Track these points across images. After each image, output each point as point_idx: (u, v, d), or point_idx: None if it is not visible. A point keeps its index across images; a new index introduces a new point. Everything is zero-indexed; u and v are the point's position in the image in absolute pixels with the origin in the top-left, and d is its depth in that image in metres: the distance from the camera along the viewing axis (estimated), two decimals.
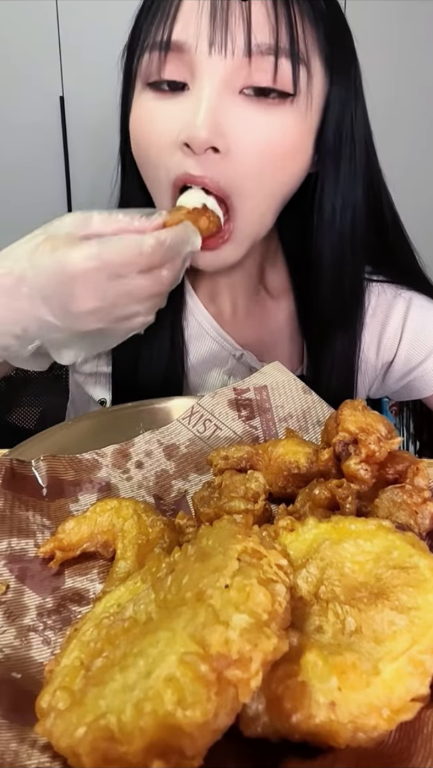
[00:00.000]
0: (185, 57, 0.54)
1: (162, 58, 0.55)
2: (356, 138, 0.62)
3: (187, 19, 0.54)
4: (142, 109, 0.59)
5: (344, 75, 0.60)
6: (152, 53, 0.55)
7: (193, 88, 0.55)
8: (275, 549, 0.31)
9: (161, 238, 0.48)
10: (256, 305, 0.75)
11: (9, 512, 0.47)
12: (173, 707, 0.25)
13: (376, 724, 0.28)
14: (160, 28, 0.54)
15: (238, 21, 0.53)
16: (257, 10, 0.53)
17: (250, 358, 0.74)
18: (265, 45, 0.53)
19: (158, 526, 0.44)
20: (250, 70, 0.54)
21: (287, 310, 0.76)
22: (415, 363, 0.74)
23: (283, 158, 0.58)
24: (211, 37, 0.53)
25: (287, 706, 0.29)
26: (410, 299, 0.73)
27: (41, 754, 0.30)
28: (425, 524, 0.42)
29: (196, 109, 0.53)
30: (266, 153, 0.56)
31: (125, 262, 0.48)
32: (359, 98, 0.63)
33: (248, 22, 0.53)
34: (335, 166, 0.62)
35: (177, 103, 0.56)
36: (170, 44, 0.54)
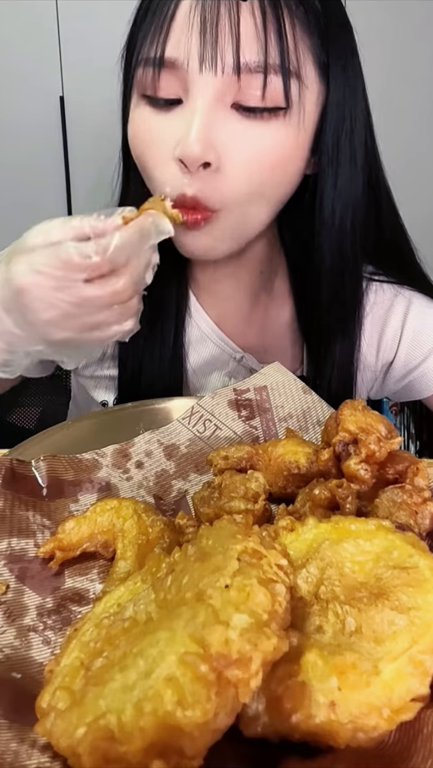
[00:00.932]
0: (178, 73, 0.54)
1: (156, 74, 0.55)
2: (356, 138, 0.62)
3: (179, 36, 0.54)
4: (138, 121, 0.59)
5: (342, 76, 0.59)
6: (146, 68, 0.56)
7: (186, 104, 0.56)
8: (275, 549, 0.31)
9: (103, 244, 0.46)
10: (258, 308, 0.75)
11: (9, 512, 0.47)
12: (173, 707, 0.25)
13: (376, 724, 0.28)
14: (153, 43, 0.54)
15: (227, 38, 0.52)
16: (245, 25, 0.52)
17: (250, 360, 0.74)
18: (254, 63, 0.53)
19: (158, 526, 0.44)
20: (240, 87, 0.54)
21: (288, 312, 0.76)
22: (415, 363, 0.74)
23: (274, 170, 0.58)
24: (202, 55, 0.53)
25: (287, 706, 0.29)
26: (409, 299, 0.73)
27: (41, 754, 0.30)
28: (425, 524, 0.42)
29: (189, 126, 0.54)
30: (257, 166, 0.57)
31: (64, 272, 0.46)
32: (359, 96, 0.62)
33: (236, 39, 0.52)
34: (334, 168, 0.62)
35: (172, 118, 0.56)
36: (163, 61, 0.54)
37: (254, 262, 0.72)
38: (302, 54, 0.55)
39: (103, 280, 0.47)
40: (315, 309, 0.70)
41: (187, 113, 0.55)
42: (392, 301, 0.73)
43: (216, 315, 0.75)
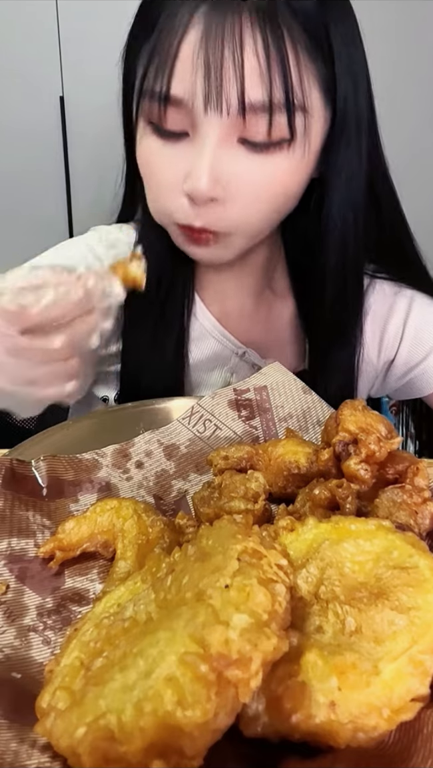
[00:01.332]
0: (184, 109, 0.55)
1: (162, 109, 0.55)
2: (362, 145, 0.62)
3: (183, 75, 0.53)
4: (147, 150, 0.60)
5: (350, 92, 0.58)
6: (152, 101, 0.55)
7: (194, 138, 0.56)
8: (275, 549, 0.31)
9: (39, 296, 0.45)
10: (261, 305, 0.76)
11: (9, 512, 0.47)
12: (173, 707, 0.25)
13: (376, 724, 0.28)
14: (158, 78, 0.54)
15: (231, 79, 0.52)
16: (249, 66, 0.52)
17: (252, 356, 0.74)
18: (258, 103, 0.53)
19: (158, 526, 0.44)
20: (245, 125, 0.54)
21: (289, 309, 0.76)
22: (416, 361, 0.74)
23: (280, 197, 0.60)
24: (207, 96, 0.53)
25: (287, 706, 0.29)
26: (411, 297, 0.73)
27: (41, 754, 0.30)
28: (425, 524, 0.42)
29: (197, 163, 0.55)
30: (264, 197, 0.58)
31: (1, 320, 0.45)
32: (365, 103, 0.61)
33: (240, 81, 0.52)
34: (339, 176, 0.62)
35: (179, 149, 0.57)
36: (169, 98, 0.54)
37: (257, 262, 0.72)
38: (307, 84, 0.55)
39: (40, 335, 0.46)
40: (318, 308, 0.70)
41: (195, 149, 0.56)
42: (394, 299, 0.73)
43: (218, 311, 0.75)
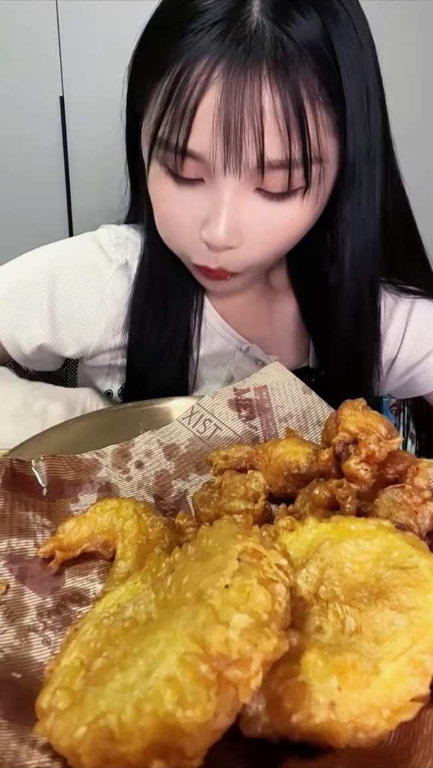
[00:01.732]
0: (202, 162, 0.55)
1: (180, 160, 0.55)
2: (377, 169, 0.61)
3: (202, 133, 0.53)
4: (161, 190, 0.60)
5: (362, 131, 0.57)
6: (168, 151, 0.55)
7: (210, 185, 0.56)
8: (275, 549, 0.31)
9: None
10: (264, 302, 0.76)
11: (9, 512, 0.47)
12: (173, 707, 0.25)
13: (376, 724, 0.28)
14: (174, 131, 0.53)
15: (251, 142, 0.52)
16: (269, 127, 0.52)
17: (256, 351, 0.75)
18: (277, 162, 0.53)
19: (158, 526, 0.44)
20: (263, 180, 0.55)
21: (291, 306, 0.76)
22: (417, 359, 0.74)
23: (290, 238, 0.61)
24: (225, 159, 0.53)
25: (287, 706, 0.29)
26: (413, 299, 0.74)
27: (41, 754, 0.30)
28: (425, 524, 0.42)
29: (215, 214, 0.56)
30: (279, 240, 0.60)
31: None
32: (378, 131, 0.60)
33: (261, 143, 0.52)
34: (355, 201, 0.61)
35: (195, 194, 0.57)
36: (186, 151, 0.54)
37: None
38: (323, 134, 0.55)
39: None
40: (334, 331, 0.70)
41: (212, 196, 0.56)
42: (396, 299, 0.74)
43: (223, 308, 0.75)
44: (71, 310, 0.72)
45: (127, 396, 0.76)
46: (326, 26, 0.52)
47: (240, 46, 0.50)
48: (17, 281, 0.73)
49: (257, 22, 0.50)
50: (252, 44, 0.50)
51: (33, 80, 1.69)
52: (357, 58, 0.55)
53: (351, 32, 0.54)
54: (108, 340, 0.74)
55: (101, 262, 0.73)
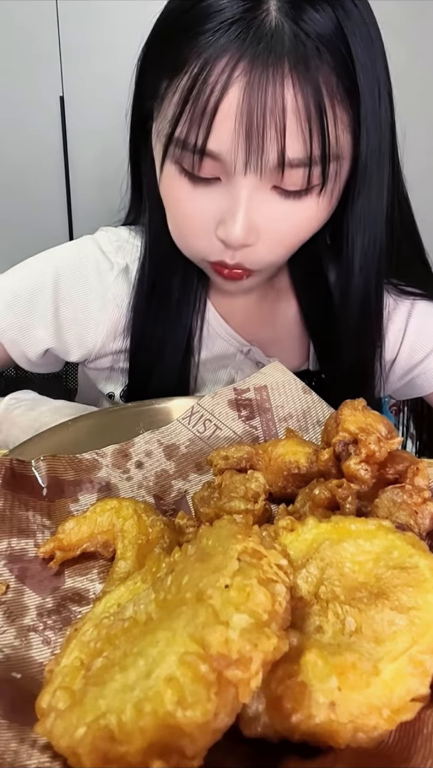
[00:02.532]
0: (220, 162, 0.54)
1: (197, 160, 0.55)
2: (385, 167, 0.61)
3: (223, 133, 0.52)
4: (175, 190, 0.59)
5: (373, 132, 0.57)
6: (185, 151, 0.55)
7: (227, 184, 0.56)
8: (275, 549, 0.31)
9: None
10: (265, 304, 0.76)
11: (9, 512, 0.47)
12: (173, 707, 0.25)
13: (376, 724, 0.28)
14: (193, 130, 0.53)
15: (272, 142, 0.52)
16: (290, 126, 0.52)
17: (257, 353, 0.75)
18: (297, 160, 0.53)
19: (158, 526, 0.44)
20: (282, 177, 0.54)
21: (293, 308, 0.76)
22: (417, 360, 0.74)
23: (306, 234, 0.61)
24: (246, 159, 0.53)
25: (287, 706, 0.29)
26: (413, 300, 0.74)
27: (41, 754, 0.30)
28: (425, 524, 0.41)
29: (232, 212, 0.56)
30: (292, 237, 0.60)
31: None
32: (387, 135, 0.60)
33: (282, 142, 0.52)
34: (363, 204, 0.62)
35: (211, 193, 0.57)
36: (205, 151, 0.54)
37: None
38: (341, 133, 0.55)
39: None
40: (338, 332, 0.70)
41: (229, 194, 0.56)
42: (396, 299, 0.73)
43: (224, 310, 0.75)
44: (75, 314, 0.72)
45: (129, 398, 0.77)
46: (340, 22, 0.52)
47: (261, 44, 0.50)
48: (21, 287, 0.73)
49: (276, 20, 0.50)
50: (273, 42, 0.50)
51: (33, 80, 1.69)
52: (369, 54, 0.55)
53: (363, 28, 0.54)
54: (110, 344, 0.74)
55: (103, 266, 0.73)
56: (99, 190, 0.75)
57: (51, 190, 1.77)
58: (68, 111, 1.71)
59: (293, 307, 0.76)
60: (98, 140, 1.64)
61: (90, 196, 1.76)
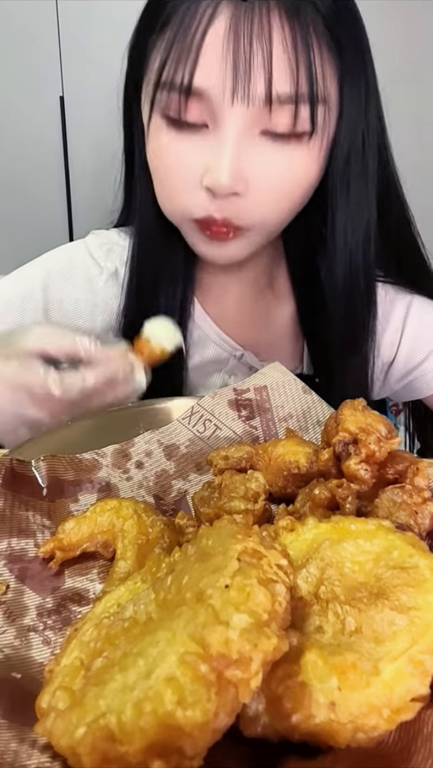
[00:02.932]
0: (206, 101, 0.54)
1: (183, 101, 0.54)
2: (368, 149, 0.61)
3: (209, 65, 0.52)
4: (161, 144, 0.58)
5: (356, 92, 0.58)
6: (171, 93, 0.54)
7: (214, 130, 0.55)
8: (275, 549, 0.31)
9: (68, 385, 0.50)
10: (260, 306, 0.76)
11: (9, 512, 0.47)
12: (173, 707, 0.25)
13: (376, 724, 0.28)
14: (179, 69, 0.53)
15: (259, 69, 0.52)
16: (277, 56, 0.52)
17: (250, 358, 0.74)
18: (285, 94, 0.53)
19: (158, 526, 0.44)
20: (270, 116, 0.54)
21: (288, 310, 0.76)
22: (415, 363, 0.74)
23: (298, 190, 0.60)
24: (234, 87, 0.52)
25: (287, 706, 0.29)
26: (411, 299, 0.73)
27: (41, 754, 0.30)
28: (425, 524, 0.42)
29: (218, 156, 0.54)
30: (284, 190, 0.58)
31: (20, 393, 0.50)
32: (372, 110, 0.61)
33: (269, 72, 0.52)
34: (346, 185, 0.62)
35: (198, 141, 0.56)
36: (192, 89, 0.53)
37: (258, 263, 0.72)
38: (328, 78, 0.55)
39: (50, 406, 0.51)
40: (327, 334, 0.70)
41: (216, 141, 0.55)
42: (393, 300, 0.73)
43: (217, 314, 0.75)
44: (65, 320, 0.72)
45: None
46: None
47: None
48: (11, 295, 0.73)
49: None
50: None
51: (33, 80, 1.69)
52: (353, 13, 0.57)
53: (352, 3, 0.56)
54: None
55: (93, 272, 0.73)
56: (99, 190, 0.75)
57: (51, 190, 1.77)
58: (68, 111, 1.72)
59: (288, 309, 0.76)
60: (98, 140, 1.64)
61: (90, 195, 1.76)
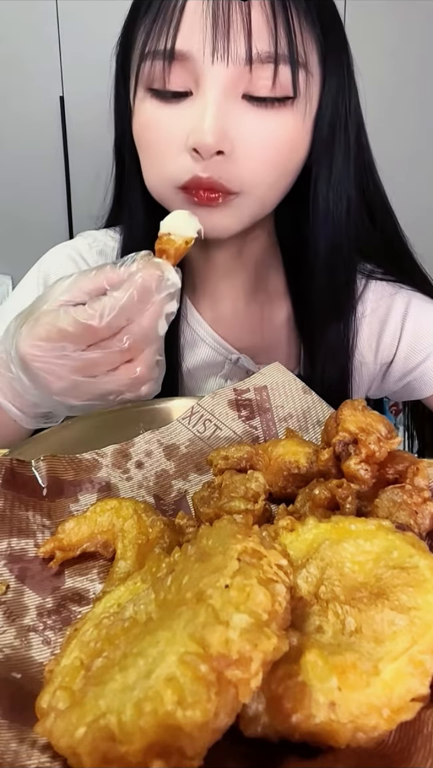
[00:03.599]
0: (188, 65, 0.55)
1: (166, 67, 0.55)
2: (350, 126, 0.63)
3: (190, 28, 0.54)
4: (146, 116, 0.59)
5: (337, 65, 0.61)
6: (155, 61, 0.56)
7: (197, 95, 0.56)
8: (275, 549, 0.31)
9: (98, 309, 0.46)
10: (255, 309, 0.75)
11: (9, 512, 0.47)
12: (173, 707, 0.25)
13: (376, 724, 0.28)
14: (162, 35, 0.54)
15: (239, 28, 0.53)
16: (256, 16, 0.53)
17: (246, 362, 0.74)
18: (265, 53, 0.54)
19: (158, 526, 0.44)
20: (251, 77, 0.55)
21: (284, 312, 0.76)
22: (414, 363, 0.74)
23: (283, 157, 0.59)
24: (214, 46, 0.53)
25: (287, 706, 0.29)
26: (409, 298, 0.73)
27: (41, 754, 0.30)
28: (425, 524, 0.42)
29: (201, 116, 0.55)
30: (267, 154, 0.58)
31: (63, 342, 0.47)
32: (352, 85, 0.63)
33: (248, 30, 0.53)
34: (329, 156, 0.63)
35: (182, 109, 0.57)
36: (174, 53, 0.54)
37: (251, 261, 0.72)
38: (308, 44, 0.57)
39: (104, 343, 0.47)
40: (309, 298, 0.70)
41: (199, 104, 0.55)
42: (392, 300, 0.73)
43: (211, 317, 0.74)
44: None
45: None
46: None
47: None
48: (19, 308, 0.73)
49: None
50: None
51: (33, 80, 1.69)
52: (334, 14, 0.60)
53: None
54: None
55: None
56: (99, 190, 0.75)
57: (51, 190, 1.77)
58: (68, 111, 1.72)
59: (285, 311, 0.75)
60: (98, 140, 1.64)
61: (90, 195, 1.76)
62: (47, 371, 0.48)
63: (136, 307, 0.47)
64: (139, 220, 0.68)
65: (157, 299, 0.48)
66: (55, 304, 0.48)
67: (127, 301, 0.46)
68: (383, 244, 0.73)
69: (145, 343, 0.49)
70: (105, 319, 0.46)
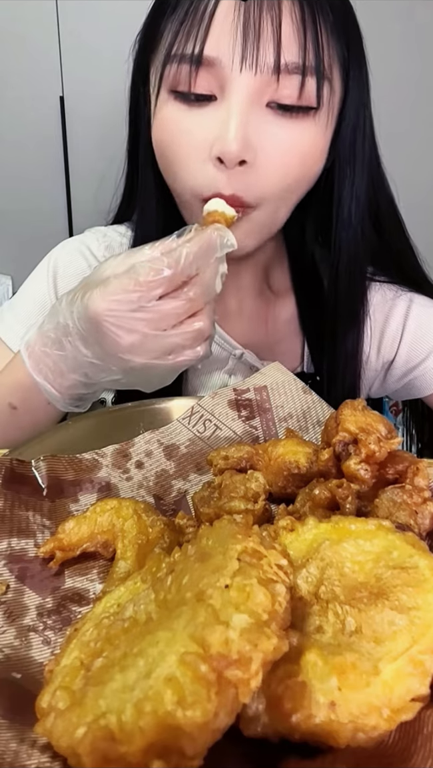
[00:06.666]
0: (215, 71, 0.55)
1: (193, 71, 0.55)
2: (366, 138, 0.64)
3: (220, 34, 0.54)
4: (168, 118, 0.59)
5: (358, 78, 0.61)
6: (181, 65, 0.55)
7: (222, 101, 0.56)
8: (275, 549, 0.31)
9: (174, 256, 0.48)
10: (260, 305, 0.76)
11: (9, 512, 0.47)
12: (173, 707, 0.25)
13: (376, 724, 0.28)
14: (191, 39, 0.54)
15: (268, 38, 0.53)
16: (286, 27, 0.53)
17: (250, 357, 0.74)
18: (293, 64, 0.54)
19: (158, 526, 0.44)
20: (277, 86, 0.55)
21: (288, 308, 0.76)
22: (415, 362, 0.74)
23: (304, 167, 0.60)
24: (243, 54, 0.53)
25: (287, 706, 0.29)
26: (411, 299, 0.74)
27: (41, 754, 0.30)
28: (425, 524, 0.42)
29: (226, 124, 0.55)
30: (289, 164, 0.58)
31: (140, 293, 0.48)
32: (368, 100, 0.63)
33: (277, 41, 0.53)
34: (352, 167, 0.63)
35: (205, 114, 0.57)
36: (202, 59, 0.54)
37: (259, 260, 0.72)
38: (333, 57, 0.57)
39: (177, 292, 0.49)
40: (327, 306, 0.71)
41: (223, 111, 0.55)
42: (393, 300, 0.73)
43: (219, 311, 0.75)
44: None
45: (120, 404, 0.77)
46: None
47: None
48: (30, 299, 0.74)
49: None
50: None
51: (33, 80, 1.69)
52: (352, 8, 0.60)
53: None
54: None
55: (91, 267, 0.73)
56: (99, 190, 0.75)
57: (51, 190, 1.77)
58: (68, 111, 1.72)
59: (289, 307, 0.76)
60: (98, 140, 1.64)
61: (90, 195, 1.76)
62: (119, 325, 0.48)
63: (203, 260, 0.50)
64: (150, 218, 0.68)
65: (219, 256, 0.51)
66: (126, 267, 0.49)
67: (200, 251, 0.49)
68: (390, 248, 0.73)
69: (207, 296, 0.51)
70: (180, 264, 0.48)
